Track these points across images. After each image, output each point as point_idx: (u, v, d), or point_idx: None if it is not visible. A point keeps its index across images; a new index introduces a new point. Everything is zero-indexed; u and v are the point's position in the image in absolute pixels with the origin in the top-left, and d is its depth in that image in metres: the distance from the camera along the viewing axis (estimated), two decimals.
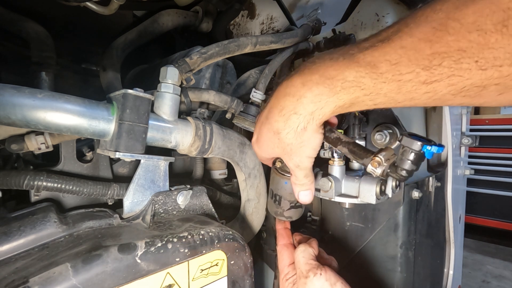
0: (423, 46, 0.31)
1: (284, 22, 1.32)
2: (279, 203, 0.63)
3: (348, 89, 0.38)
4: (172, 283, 0.45)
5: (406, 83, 0.33)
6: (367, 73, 0.36)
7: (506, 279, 2.73)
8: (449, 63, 0.30)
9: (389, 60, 0.34)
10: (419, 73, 0.32)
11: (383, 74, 0.34)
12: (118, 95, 0.48)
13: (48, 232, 0.44)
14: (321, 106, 0.41)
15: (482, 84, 0.30)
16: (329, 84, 0.39)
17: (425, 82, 0.32)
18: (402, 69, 0.33)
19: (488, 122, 3.35)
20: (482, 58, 0.28)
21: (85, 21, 1.03)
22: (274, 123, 0.47)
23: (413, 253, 0.76)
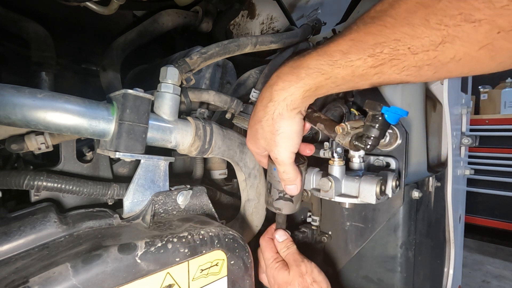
0: (368, 38, 0.39)
1: (284, 22, 1.32)
2: (269, 192, 0.64)
3: (311, 75, 0.45)
4: (172, 283, 0.45)
5: (357, 68, 0.41)
6: (325, 61, 0.43)
7: (506, 279, 2.73)
8: (388, 50, 0.38)
9: (341, 50, 0.42)
10: (366, 59, 0.40)
11: (337, 61, 0.42)
12: (118, 95, 0.48)
13: (48, 232, 0.44)
14: (291, 92, 0.48)
15: (417, 65, 0.38)
16: (295, 72, 0.47)
17: (372, 66, 0.40)
18: (352, 56, 0.41)
19: (488, 122, 3.35)
20: (413, 45, 0.36)
21: (85, 21, 1.03)
22: (258, 113, 0.54)
23: (413, 253, 0.76)
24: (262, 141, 0.56)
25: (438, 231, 0.97)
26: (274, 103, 0.50)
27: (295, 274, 0.61)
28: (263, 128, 0.53)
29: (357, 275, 0.79)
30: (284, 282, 0.61)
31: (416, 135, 0.85)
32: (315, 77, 0.45)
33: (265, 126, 0.53)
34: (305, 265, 0.62)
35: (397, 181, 0.65)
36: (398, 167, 0.71)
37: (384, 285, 0.75)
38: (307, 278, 0.60)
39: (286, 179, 0.58)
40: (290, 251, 0.65)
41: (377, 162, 0.74)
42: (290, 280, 0.61)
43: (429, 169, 0.93)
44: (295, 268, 0.61)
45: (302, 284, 0.59)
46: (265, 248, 0.68)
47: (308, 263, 0.62)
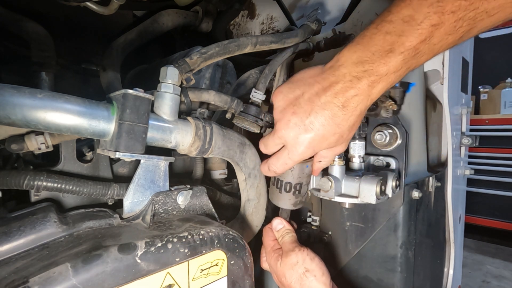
0: (448, 17, 0.38)
1: (284, 22, 1.32)
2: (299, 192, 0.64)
3: (400, 75, 0.45)
4: (172, 283, 0.45)
5: (439, 49, 0.42)
6: (411, 56, 0.42)
7: (506, 279, 2.73)
8: (468, 22, 0.38)
9: (425, 40, 0.41)
10: (447, 38, 0.40)
11: (422, 51, 0.42)
12: (118, 95, 0.48)
13: (48, 232, 0.44)
14: (377, 91, 0.47)
15: (491, 25, 0.39)
16: (386, 79, 0.45)
17: (452, 42, 0.42)
18: (435, 40, 0.41)
19: (488, 122, 3.35)
20: (491, 8, 0.37)
21: (85, 21, 1.03)
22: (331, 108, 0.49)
23: (413, 253, 0.76)
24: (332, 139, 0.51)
25: (438, 231, 0.97)
26: (363, 98, 0.47)
27: (285, 265, 0.59)
28: (339, 125, 0.49)
29: (357, 275, 0.79)
30: (279, 273, 0.61)
31: (416, 135, 0.85)
32: (402, 73, 0.45)
33: (343, 122, 0.49)
34: (296, 255, 0.59)
35: (397, 181, 0.65)
36: (398, 167, 0.71)
37: (384, 285, 0.75)
38: (298, 269, 0.58)
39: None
40: (284, 240, 0.64)
41: (377, 162, 0.74)
42: (282, 271, 0.60)
43: (429, 169, 0.93)
44: (285, 259, 0.60)
45: (293, 276, 0.58)
46: (264, 236, 0.68)
47: (299, 252, 0.60)
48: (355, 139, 0.69)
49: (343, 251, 0.81)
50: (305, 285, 0.57)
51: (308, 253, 0.60)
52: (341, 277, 0.82)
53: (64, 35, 0.98)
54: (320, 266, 0.59)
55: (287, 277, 0.58)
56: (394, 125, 0.71)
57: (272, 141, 0.56)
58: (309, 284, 0.57)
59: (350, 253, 0.79)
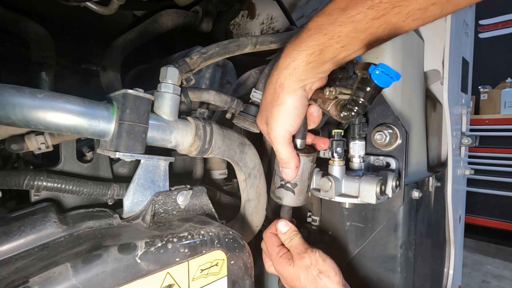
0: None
1: (284, 22, 1.32)
2: (273, 179, 0.63)
3: (312, 36, 0.44)
4: (172, 283, 0.45)
5: (359, 22, 0.40)
6: (324, 20, 0.43)
7: (506, 279, 2.73)
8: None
9: (339, 7, 0.41)
10: (366, 12, 0.39)
11: (337, 19, 0.41)
12: (118, 95, 0.48)
13: (48, 232, 0.44)
14: (294, 57, 0.46)
15: (421, 7, 0.37)
16: (297, 37, 0.46)
17: (375, 18, 0.39)
18: (351, 12, 0.40)
19: (488, 122, 3.35)
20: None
21: (85, 21, 1.03)
22: (268, 86, 0.52)
23: (413, 253, 0.76)
24: (263, 113, 0.54)
25: (438, 231, 0.97)
26: (278, 71, 0.48)
27: (299, 268, 0.58)
28: (266, 99, 0.52)
29: (357, 275, 0.79)
30: (291, 278, 0.59)
31: (416, 135, 0.85)
32: (317, 38, 0.43)
33: (267, 96, 0.51)
34: (309, 257, 0.59)
35: (397, 181, 0.65)
36: (398, 167, 0.71)
37: (384, 285, 0.75)
38: (312, 271, 0.57)
39: (280, 160, 0.57)
40: (293, 242, 0.62)
41: (377, 162, 0.74)
42: (295, 275, 0.58)
43: (429, 169, 0.93)
44: (299, 262, 0.59)
45: (308, 277, 0.57)
46: (267, 243, 0.66)
47: (311, 254, 0.59)
48: (355, 139, 0.69)
49: (343, 251, 0.81)
50: (320, 286, 0.57)
51: (320, 254, 0.60)
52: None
53: (64, 35, 0.98)
54: (333, 266, 0.59)
55: (301, 280, 0.58)
56: (394, 125, 0.71)
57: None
58: (323, 285, 0.57)
59: (350, 253, 0.79)
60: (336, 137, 0.66)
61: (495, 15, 3.99)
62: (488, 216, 3.41)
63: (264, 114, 0.54)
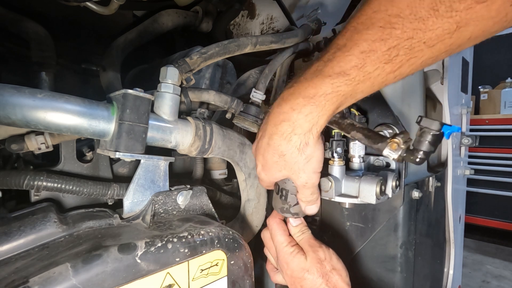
0: (379, 45, 0.37)
1: (284, 22, 1.32)
2: (285, 198, 0.61)
3: (331, 100, 0.43)
4: (172, 283, 0.45)
5: (377, 78, 0.40)
6: (341, 82, 0.41)
7: (506, 279, 2.73)
8: (404, 51, 0.37)
9: (356, 66, 0.40)
10: (384, 67, 0.39)
11: (355, 78, 0.40)
12: (118, 95, 0.48)
13: (48, 232, 0.44)
14: (315, 121, 0.46)
15: (434, 56, 0.38)
16: (314, 102, 0.44)
17: (391, 72, 0.39)
18: (369, 69, 0.39)
19: (488, 122, 3.35)
20: (428, 39, 0.35)
21: (85, 21, 1.03)
22: (278, 147, 0.50)
23: (413, 253, 0.76)
24: (285, 171, 0.53)
25: (438, 231, 0.97)
26: (299, 136, 0.47)
27: (313, 260, 0.57)
28: (286, 161, 0.51)
29: (357, 275, 0.79)
30: (301, 269, 0.57)
31: None
32: (335, 101, 0.44)
33: (289, 159, 0.50)
34: (323, 251, 0.58)
35: (397, 181, 0.65)
36: (398, 167, 0.71)
37: (384, 285, 0.75)
38: (326, 265, 0.57)
39: (310, 200, 0.57)
40: (306, 235, 0.61)
41: (377, 162, 0.74)
42: (307, 266, 0.57)
43: (429, 169, 0.93)
44: (312, 254, 0.57)
45: (321, 270, 0.56)
46: (276, 231, 0.63)
47: (326, 249, 0.59)
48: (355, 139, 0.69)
49: (343, 251, 0.80)
50: (332, 282, 0.56)
51: (334, 252, 0.60)
52: None
53: (64, 35, 0.98)
54: (344, 267, 0.59)
55: (314, 272, 0.56)
56: (394, 125, 0.71)
57: None
58: (335, 282, 0.56)
59: (350, 253, 0.79)
60: (336, 137, 0.66)
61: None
62: (488, 216, 3.41)
63: (286, 171, 0.52)
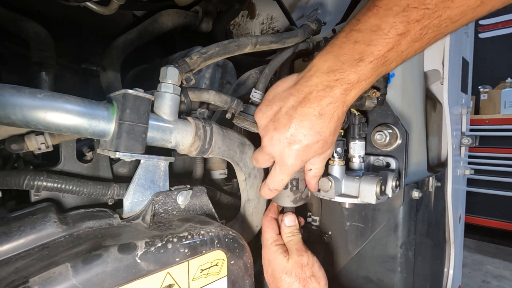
0: (413, 26, 0.39)
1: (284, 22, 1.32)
2: (297, 188, 0.63)
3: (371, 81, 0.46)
4: (172, 283, 0.45)
5: (407, 55, 0.43)
6: (380, 64, 0.44)
7: (506, 279, 2.73)
8: (433, 29, 0.40)
9: (393, 48, 0.42)
10: (414, 45, 0.42)
11: (390, 59, 0.43)
12: (118, 95, 0.48)
13: (48, 232, 0.44)
14: (354, 94, 0.47)
15: (454, 29, 0.41)
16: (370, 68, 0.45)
17: (420, 48, 0.42)
18: (402, 48, 0.42)
19: (488, 122, 3.35)
20: (454, 15, 0.38)
21: (85, 21, 1.03)
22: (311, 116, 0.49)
23: (413, 253, 0.76)
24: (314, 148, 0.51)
25: (438, 231, 0.97)
26: (336, 103, 0.47)
27: (295, 263, 0.58)
28: (319, 132, 0.49)
29: (357, 275, 0.79)
30: (281, 269, 0.59)
31: (416, 135, 0.85)
32: (373, 80, 0.46)
33: (322, 129, 0.49)
34: (308, 257, 0.59)
35: (397, 181, 0.65)
36: (398, 167, 0.71)
37: (384, 285, 0.75)
38: (306, 270, 0.58)
39: (276, 185, 0.58)
40: (295, 238, 0.62)
41: (377, 162, 0.74)
42: (288, 268, 0.58)
43: (429, 169, 0.93)
44: (296, 257, 0.59)
45: (300, 275, 0.57)
46: (266, 227, 0.65)
47: (311, 256, 0.60)
48: (355, 139, 0.69)
49: (343, 251, 0.81)
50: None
51: (317, 261, 0.61)
52: (341, 277, 0.82)
53: (64, 35, 0.98)
54: (325, 276, 0.60)
55: (293, 275, 0.57)
56: (394, 125, 0.71)
57: (262, 157, 0.58)
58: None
59: (350, 253, 0.79)
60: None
61: (495, 15, 3.99)
62: (488, 216, 3.41)
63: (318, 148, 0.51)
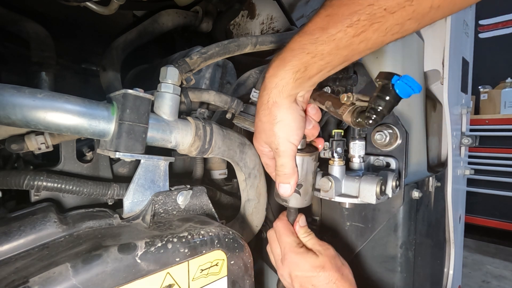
0: (342, 10, 0.40)
1: (284, 22, 1.32)
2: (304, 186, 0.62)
3: (297, 56, 0.45)
4: (172, 283, 0.45)
5: (340, 40, 0.41)
6: (307, 40, 0.44)
7: (506, 279, 2.73)
8: (365, 16, 0.39)
9: (320, 27, 0.42)
10: (346, 30, 0.40)
11: (319, 39, 0.43)
12: (118, 95, 0.48)
13: (48, 232, 0.44)
14: (281, 76, 0.48)
15: (398, 22, 0.39)
16: (281, 57, 0.47)
17: (355, 35, 0.40)
18: (332, 31, 0.41)
19: (488, 122, 3.34)
20: (388, 5, 0.37)
21: (85, 21, 1.03)
22: (257, 108, 0.53)
23: (413, 253, 0.76)
24: (262, 135, 0.54)
25: (438, 231, 0.97)
26: (267, 91, 0.49)
27: (326, 257, 0.60)
28: (261, 121, 0.52)
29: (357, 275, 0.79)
30: (314, 267, 0.59)
31: (416, 135, 0.85)
32: (301, 58, 0.45)
33: (262, 118, 0.52)
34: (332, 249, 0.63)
35: (397, 181, 0.65)
36: (398, 167, 0.71)
37: (384, 285, 0.75)
38: (337, 261, 0.61)
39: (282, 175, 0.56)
40: (312, 235, 0.64)
41: (377, 162, 0.74)
42: (322, 263, 0.59)
43: (429, 169, 0.93)
44: (325, 251, 0.61)
45: (336, 265, 0.60)
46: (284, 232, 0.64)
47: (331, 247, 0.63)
48: (355, 139, 0.69)
49: (343, 251, 0.80)
50: (345, 274, 0.61)
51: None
52: None
53: (64, 35, 0.98)
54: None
55: (328, 268, 0.59)
56: (394, 125, 0.71)
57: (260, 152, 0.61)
58: (347, 274, 0.62)
59: (350, 253, 0.79)
60: (336, 137, 0.66)
61: (495, 15, 3.99)
62: (488, 216, 3.41)
63: (263, 135, 0.54)
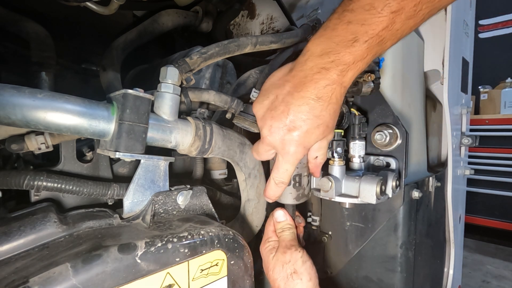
0: (407, 3, 0.39)
1: (284, 22, 1.32)
2: (300, 184, 0.63)
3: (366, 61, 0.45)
4: (172, 283, 0.45)
5: (402, 33, 0.43)
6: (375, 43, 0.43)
7: (506, 279, 2.73)
8: (426, 5, 0.40)
9: (387, 27, 0.42)
10: (408, 22, 0.42)
11: (385, 38, 0.43)
12: (118, 95, 0.48)
13: (48, 232, 0.44)
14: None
15: (449, 2, 0.42)
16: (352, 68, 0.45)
17: (414, 25, 0.42)
18: (397, 26, 0.42)
19: (488, 122, 3.35)
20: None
21: (85, 21, 1.03)
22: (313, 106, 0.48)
23: (413, 253, 0.76)
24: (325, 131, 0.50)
25: (438, 231, 0.97)
26: (344, 79, 0.46)
27: (277, 261, 0.59)
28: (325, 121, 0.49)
29: (357, 275, 0.79)
30: (267, 266, 0.61)
31: (416, 135, 0.85)
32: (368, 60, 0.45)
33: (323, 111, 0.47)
34: (290, 254, 0.59)
35: (397, 181, 0.65)
36: (398, 167, 0.71)
37: (384, 285, 0.75)
38: (287, 268, 0.58)
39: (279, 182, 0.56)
40: (283, 234, 0.63)
41: (377, 162, 0.74)
42: (272, 265, 0.60)
43: (429, 169, 0.93)
44: (279, 254, 0.60)
45: (281, 274, 0.58)
46: (267, 225, 0.67)
47: (294, 252, 0.59)
48: (355, 139, 0.69)
49: (343, 251, 0.81)
50: (290, 286, 0.57)
51: (302, 255, 0.59)
52: (341, 277, 0.82)
53: (64, 35, 0.98)
54: (309, 270, 0.59)
55: (275, 272, 0.59)
56: (394, 125, 0.71)
57: (262, 148, 0.56)
58: (293, 286, 0.57)
59: (350, 253, 0.79)
60: (336, 137, 0.66)
61: (495, 15, 3.99)
62: (488, 216, 3.41)
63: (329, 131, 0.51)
